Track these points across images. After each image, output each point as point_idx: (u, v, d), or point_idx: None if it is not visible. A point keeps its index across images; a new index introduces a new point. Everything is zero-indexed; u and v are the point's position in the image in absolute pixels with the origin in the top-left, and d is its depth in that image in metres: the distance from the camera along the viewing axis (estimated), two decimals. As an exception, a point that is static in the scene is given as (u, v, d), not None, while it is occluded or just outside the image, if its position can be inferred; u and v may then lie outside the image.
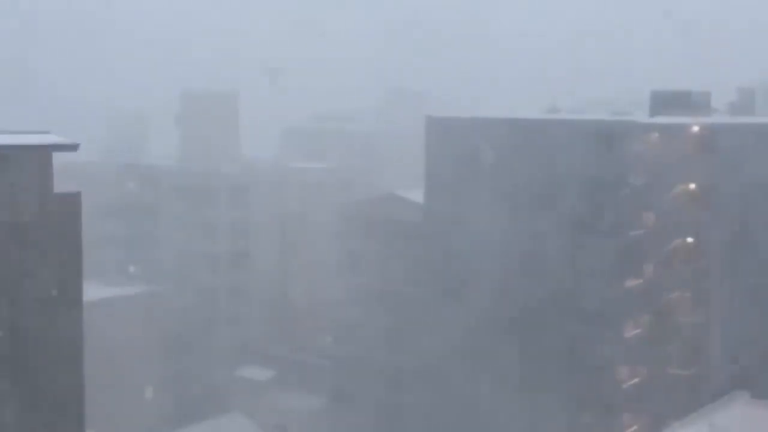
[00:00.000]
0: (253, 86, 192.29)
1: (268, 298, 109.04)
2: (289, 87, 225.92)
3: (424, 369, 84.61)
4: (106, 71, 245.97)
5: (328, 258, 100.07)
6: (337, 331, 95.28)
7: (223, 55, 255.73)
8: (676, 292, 77.37)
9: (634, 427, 76.42)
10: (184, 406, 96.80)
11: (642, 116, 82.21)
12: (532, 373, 78.56)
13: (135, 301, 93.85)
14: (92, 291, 65.52)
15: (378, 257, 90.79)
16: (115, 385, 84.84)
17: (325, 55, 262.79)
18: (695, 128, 78.24)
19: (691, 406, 67.98)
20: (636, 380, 76.74)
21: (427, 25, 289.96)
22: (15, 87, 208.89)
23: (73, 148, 34.35)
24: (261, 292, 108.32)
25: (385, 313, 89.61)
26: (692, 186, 77.58)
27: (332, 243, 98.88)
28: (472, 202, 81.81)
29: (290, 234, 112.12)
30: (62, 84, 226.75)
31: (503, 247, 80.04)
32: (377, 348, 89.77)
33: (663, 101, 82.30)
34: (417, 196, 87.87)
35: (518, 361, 79.23)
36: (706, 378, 77.45)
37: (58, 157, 34.12)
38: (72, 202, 33.77)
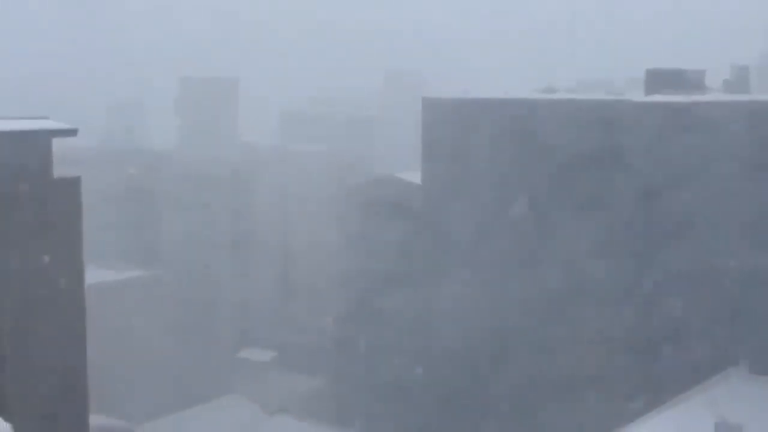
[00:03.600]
0: (252, 70, 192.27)
1: (269, 280, 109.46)
2: (287, 70, 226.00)
3: (424, 349, 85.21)
4: (105, 57, 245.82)
5: (328, 240, 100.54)
6: (337, 313, 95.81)
7: (221, 39, 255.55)
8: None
9: (633, 403, 76.86)
10: (185, 388, 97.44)
11: (637, 95, 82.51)
12: (532, 354, 79.14)
13: (136, 285, 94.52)
14: (93, 274, 65.98)
15: (377, 238, 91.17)
16: (117, 367, 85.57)
17: (323, 38, 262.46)
18: (690, 106, 78.48)
19: (688, 382, 68.34)
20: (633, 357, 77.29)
21: (424, 6, 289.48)
22: (14, 74, 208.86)
23: (71, 133, 34.79)
24: (262, 274, 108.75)
25: (384, 293, 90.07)
26: (686, 164, 77.82)
27: (332, 225, 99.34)
28: (469, 182, 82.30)
29: (290, 216, 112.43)
30: (61, 70, 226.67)
31: (500, 227, 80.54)
32: (376, 328, 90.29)
33: (658, 80, 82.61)
34: (417, 177, 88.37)
35: (518, 343, 79.83)
36: (702, 353, 77.83)
37: (57, 143, 34.51)
38: (72, 186, 34.12)
